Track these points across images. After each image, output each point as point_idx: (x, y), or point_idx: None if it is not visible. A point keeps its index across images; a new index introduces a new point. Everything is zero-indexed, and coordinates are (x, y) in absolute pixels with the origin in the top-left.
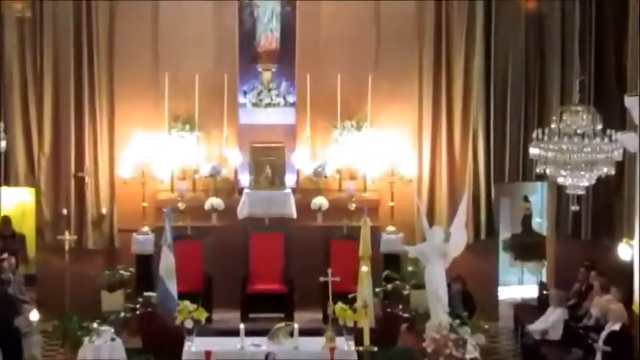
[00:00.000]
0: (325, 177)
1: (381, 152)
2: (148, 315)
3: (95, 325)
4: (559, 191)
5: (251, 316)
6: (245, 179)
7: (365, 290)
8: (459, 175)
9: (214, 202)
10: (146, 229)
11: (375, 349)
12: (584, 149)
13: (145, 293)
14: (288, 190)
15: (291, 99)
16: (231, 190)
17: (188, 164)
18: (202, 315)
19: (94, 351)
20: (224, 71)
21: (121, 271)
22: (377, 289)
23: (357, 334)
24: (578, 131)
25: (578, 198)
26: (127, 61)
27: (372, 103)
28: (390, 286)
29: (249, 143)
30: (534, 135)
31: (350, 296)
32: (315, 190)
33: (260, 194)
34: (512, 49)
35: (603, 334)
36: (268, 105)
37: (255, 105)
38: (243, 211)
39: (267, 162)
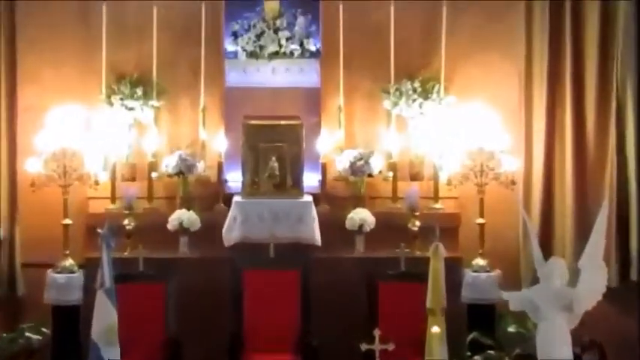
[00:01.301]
0: (370, 176)
1: (463, 136)
2: None
3: None
4: None
5: None
6: (235, 179)
7: None
8: (593, 176)
9: (184, 218)
10: (69, 263)
11: None
12: None
13: None
14: (308, 199)
15: (312, 45)
16: (212, 197)
17: (140, 155)
18: None
19: None
20: None
21: (28, 334)
22: None
23: None
24: None
25: None
26: None
27: (449, 54)
28: (478, 359)
29: (243, 119)
30: None
31: None
32: (352, 198)
33: (260, 205)
34: None
35: None
36: (274, 55)
37: (252, 55)
38: (232, 233)
39: (273, 150)
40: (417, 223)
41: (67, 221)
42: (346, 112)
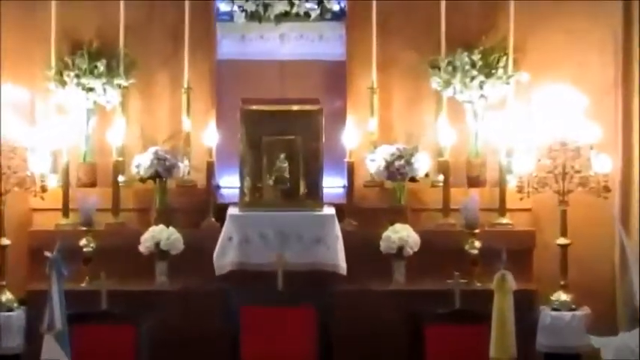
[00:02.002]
0: (413, 180)
1: (540, 127)
2: None
3: None
4: None
5: None
6: (230, 185)
7: None
8: None
9: (161, 237)
10: (6, 297)
11: None
12: None
13: None
14: (329, 211)
15: (335, 3)
16: (199, 209)
17: (103, 153)
18: None
19: None
20: None
21: None
22: None
23: None
24: None
25: None
26: None
27: (520, 17)
28: None
29: (241, 104)
30: None
31: None
32: (388, 210)
33: (264, 219)
34: None
35: None
36: (284, 17)
37: (253, 17)
38: (226, 257)
39: (281, 146)
40: (477, 244)
41: (4, 241)
42: (381, 95)
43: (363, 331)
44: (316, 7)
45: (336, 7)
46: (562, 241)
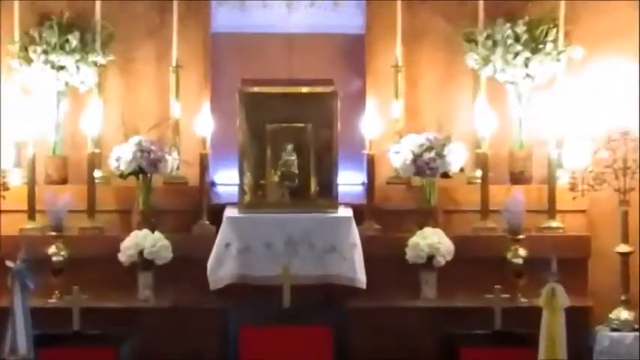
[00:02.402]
0: (445, 176)
1: (597, 113)
2: None
3: None
4: None
5: None
6: (228, 181)
7: None
8: None
9: (145, 244)
10: None
11: None
12: None
13: None
14: (345, 213)
15: None
16: (190, 211)
17: (76, 144)
18: None
19: None
20: None
21: None
22: None
23: None
24: None
25: None
26: None
27: None
28: None
29: (240, 85)
30: None
31: None
32: (416, 212)
33: (269, 223)
34: None
35: None
36: None
37: None
38: (223, 268)
39: (289, 135)
40: (522, 252)
41: None
42: (407, 74)
43: (385, 355)
44: None
45: None
46: (623, 248)
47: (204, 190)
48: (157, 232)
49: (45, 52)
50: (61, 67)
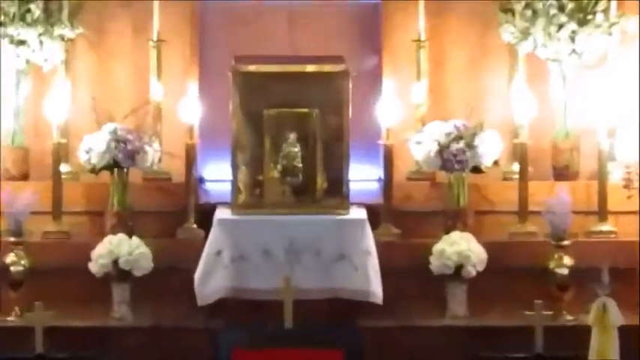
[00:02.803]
0: (477, 170)
1: None
2: None
3: None
4: None
5: None
6: (219, 177)
7: None
8: None
9: (121, 252)
10: None
11: None
12: None
13: None
14: (358, 215)
15: None
16: (174, 212)
17: (39, 133)
18: None
19: None
20: None
21: None
22: None
23: None
24: None
25: None
26: None
27: None
28: None
29: (233, 63)
30: None
31: None
32: (443, 213)
33: (267, 227)
34: None
35: None
36: None
37: None
38: (213, 281)
39: (291, 122)
40: (568, 260)
41: None
42: (431, 50)
43: None
44: None
45: None
46: None
47: (190, 188)
48: (134, 238)
49: (2, 24)
50: (22, 42)
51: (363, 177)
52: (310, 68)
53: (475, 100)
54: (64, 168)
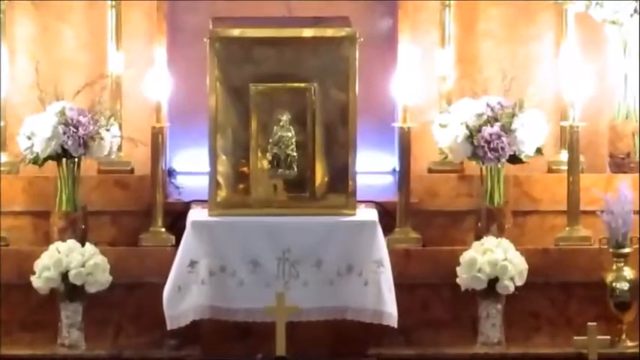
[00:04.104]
0: (515, 160)
1: None
2: None
3: None
4: None
5: None
6: (193, 169)
7: None
8: None
9: (70, 263)
10: None
11: None
12: None
13: None
14: (368, 215)
15: None
16: (138, 212)
17: None
18: None
19: None
20: None
21: None
22: None
23: None
24: None
25: None
26: None
27: None
28: None
29: (211, 26)
30: None
31: None
32: (473, 213)
33: (254, 231)
34: None
35: None
36: None
37: None
38: (186, 297)
39: (284, 98)
40: (629, 273)
41: None
42: (459, 10)
43: None
44: None
45: None
46: None
47: (157, 182)
48: (88, 245)
49: None
50: None
51: (373, 168)
52: (308, 32)
53: (513, 73)
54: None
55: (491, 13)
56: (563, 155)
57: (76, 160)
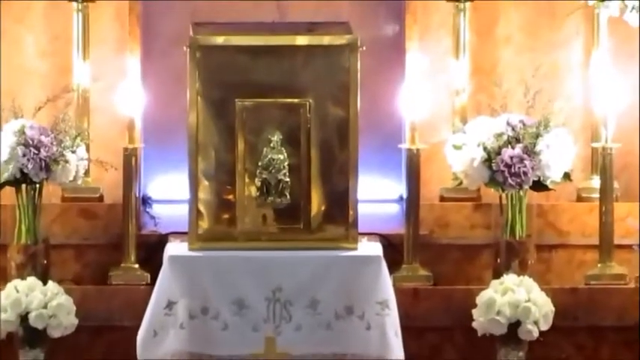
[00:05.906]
0: (540, 187)
1: None
2: None
3: None
4: None
5: None
6: (168, 195)
7: None
8: None
9: (31, 303)
10: None
11: None
12: None
13: None
14: (370, 249)
15: None
16: (108, 242)
17: None
18: None
19: None
20: None
21: None
22: None
23: None
24: None
25: None
26: None
27: None
28: None
29: (191, 31)
30: None
31: None
32: (491, 247)
33: (239, 265)
34: None
35: None
36: None
37: None
38: (163, 342)
39: (275, 115)
40: None
41: None
42: (475, 14)
43: None
44: None
45: None
46: None
47: (130, 211)
48: (51, 283)
49: None
50: None
51: (377, 196)
52: (302, 40)
53: (537, 86)
54: None
55: (511, 17)
56: (595, 181)
57: (37, 185)
